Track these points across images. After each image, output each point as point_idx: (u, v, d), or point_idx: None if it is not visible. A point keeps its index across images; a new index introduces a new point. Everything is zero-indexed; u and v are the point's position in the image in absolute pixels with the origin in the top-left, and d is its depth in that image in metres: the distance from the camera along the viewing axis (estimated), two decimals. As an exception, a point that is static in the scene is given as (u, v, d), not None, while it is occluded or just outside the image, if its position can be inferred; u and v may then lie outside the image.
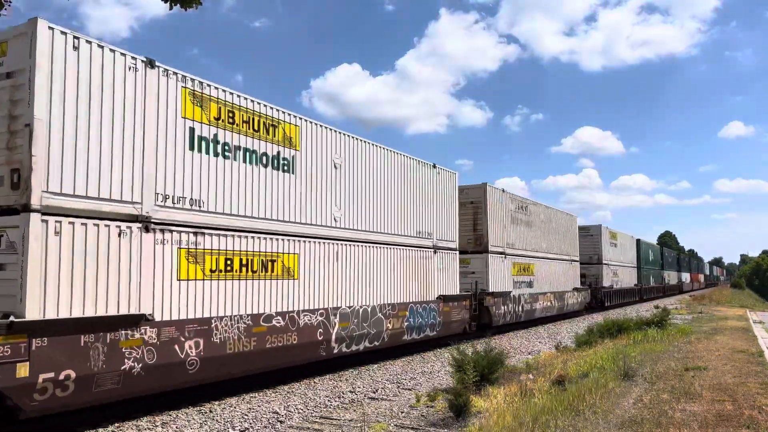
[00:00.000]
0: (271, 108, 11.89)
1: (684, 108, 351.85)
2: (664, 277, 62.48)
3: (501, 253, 22.64)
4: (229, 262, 10.58)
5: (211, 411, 9.68)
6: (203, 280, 10.05)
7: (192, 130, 10.12)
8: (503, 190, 23.39)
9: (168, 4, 6.74)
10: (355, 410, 9.75)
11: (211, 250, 10.25)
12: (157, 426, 8.73)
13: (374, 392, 11.33)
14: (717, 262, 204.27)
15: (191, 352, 9.65)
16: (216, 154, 10.53)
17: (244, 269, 10.89)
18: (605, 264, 38.01)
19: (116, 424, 8.71)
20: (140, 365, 8.80)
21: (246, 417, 9.28)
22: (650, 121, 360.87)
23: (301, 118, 12.62)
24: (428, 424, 8.54)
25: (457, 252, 18.87)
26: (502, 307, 22.31)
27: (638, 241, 49.44)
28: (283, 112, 12.18)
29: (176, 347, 9.38)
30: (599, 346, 15.96)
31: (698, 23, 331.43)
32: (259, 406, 10.08)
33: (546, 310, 27.13)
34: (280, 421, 9.06)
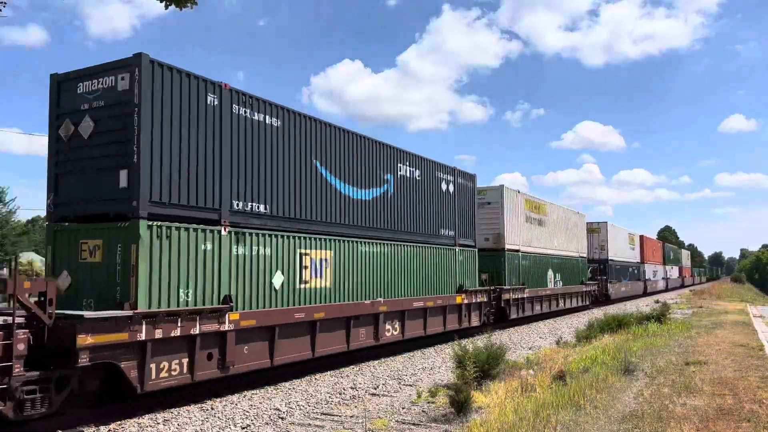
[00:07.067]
0: None
1: (686, 102, 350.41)
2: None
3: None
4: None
5: (212, 408, 9.68)
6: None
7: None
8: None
9: (163, 3, 6.83)
10: (356, 406, 9.76)
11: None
12: (158, 423, 8.73)
13: (375, 388, 11.34)
14: (717, 257, 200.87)
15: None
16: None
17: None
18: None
19: (117, 422, 8.71)
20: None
21: (247, 414, 9.28)
22: (652, 115, 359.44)
23: None
24: (429, 420, 8.55)
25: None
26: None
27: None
28: None
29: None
30: (600, 341, 15.98)
31: (702, 17, 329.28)
32: (260, 403, 10.08)
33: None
34: (282, 418, 9.06)
